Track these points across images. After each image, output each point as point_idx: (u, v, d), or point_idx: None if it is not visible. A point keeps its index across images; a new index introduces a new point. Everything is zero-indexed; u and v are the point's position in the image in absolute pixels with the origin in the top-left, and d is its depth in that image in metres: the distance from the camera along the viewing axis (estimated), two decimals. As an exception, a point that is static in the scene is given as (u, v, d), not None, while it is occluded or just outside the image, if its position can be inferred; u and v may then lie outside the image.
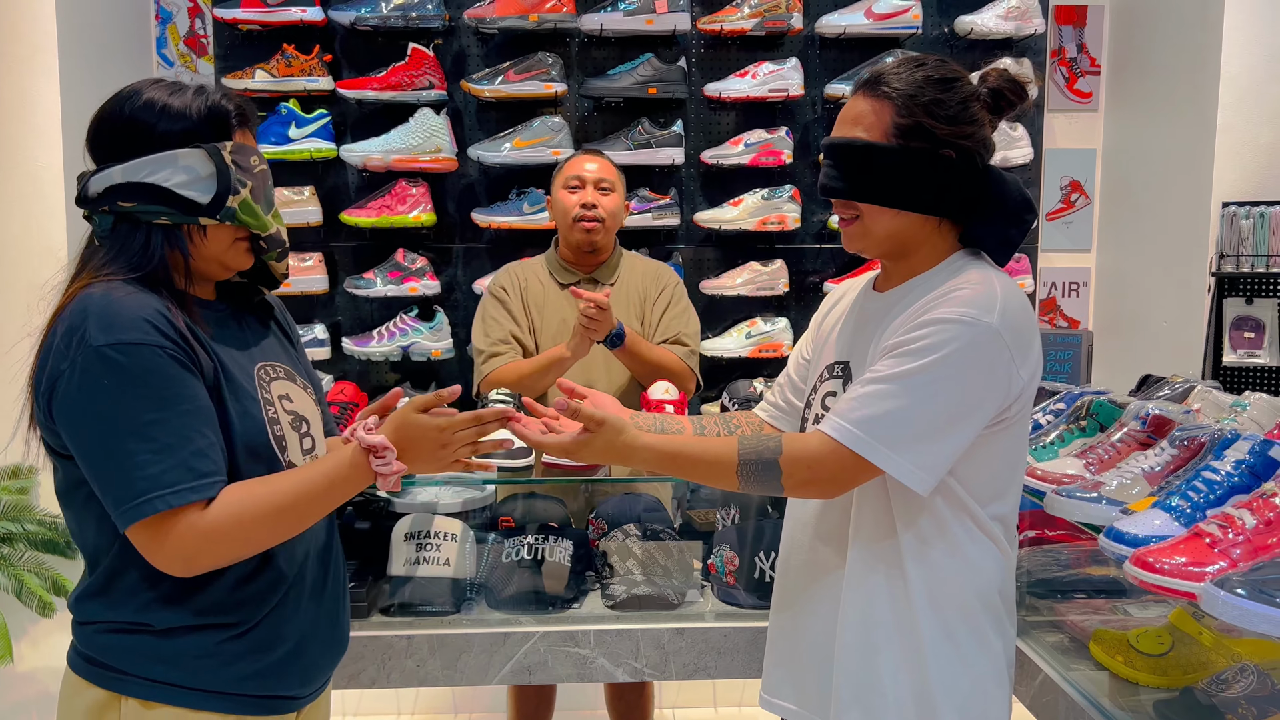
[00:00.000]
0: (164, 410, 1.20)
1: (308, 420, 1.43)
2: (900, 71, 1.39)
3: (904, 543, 1.39)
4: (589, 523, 2.29)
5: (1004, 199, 1.40)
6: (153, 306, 1.23)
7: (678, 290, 2.58)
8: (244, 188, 1.29)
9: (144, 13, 3.24)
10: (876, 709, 1.41)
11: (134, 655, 1.28)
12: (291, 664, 1.37)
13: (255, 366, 1.36)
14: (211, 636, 1.30)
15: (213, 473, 1.23)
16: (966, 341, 1.30)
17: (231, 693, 1.31)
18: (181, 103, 1.29)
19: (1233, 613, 1.18)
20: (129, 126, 1.28)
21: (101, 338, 1.19)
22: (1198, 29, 2.96)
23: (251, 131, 1.37)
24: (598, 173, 2.44)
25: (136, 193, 1.27)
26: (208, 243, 1.31)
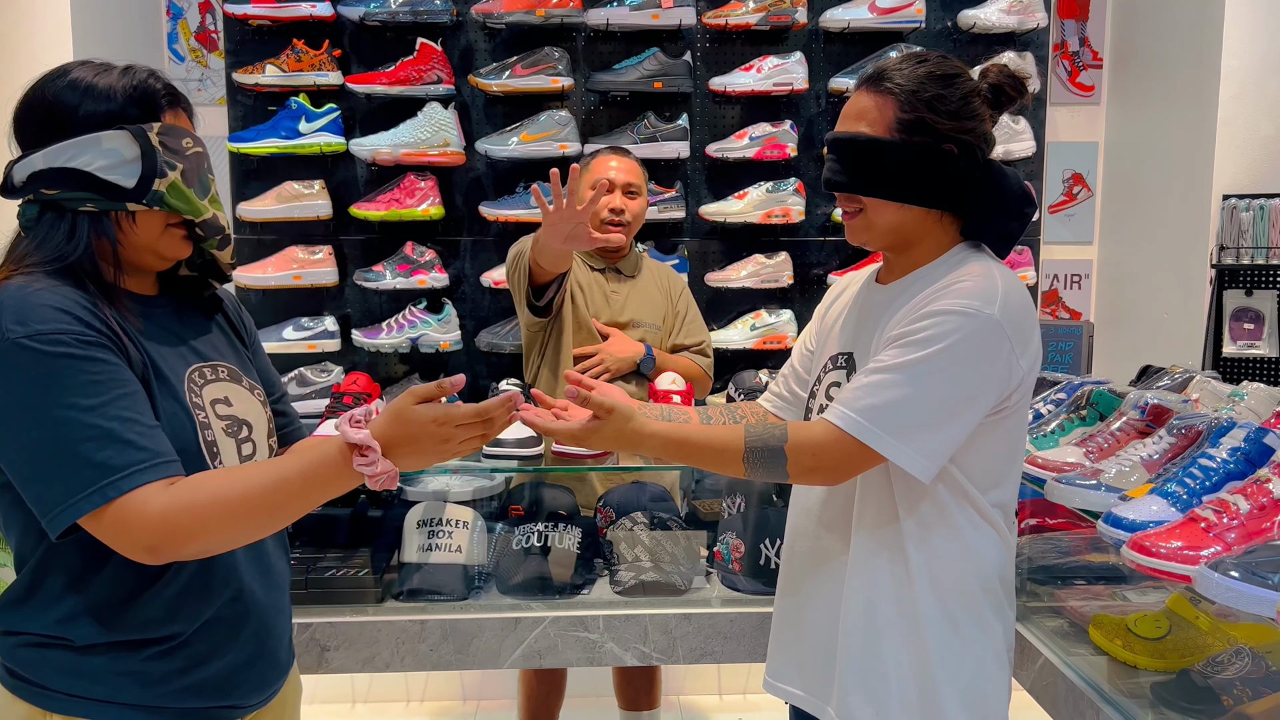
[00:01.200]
0: (99, 395, 1.13)
1: (249, 424, 1.34)
2: (903, 67, 1.42)
3: (906, 529, 1.43)
4: (597, 511, 2.33)
5: (1004, 193, 1.43)
6: (72, 299, 1.17)
7: (687, 294, 2.73)
8: (173, 170, 1.22)
9: (155, 8, 3.28)
10: (879, 691, 1.44)
11: (55, 670, 1.22)
12: (227, 679, 1.30)
13: (189, 368, 1.29)
14: (135, 654, 1.23)
15: (164, 451, 1.16)
16: (968, 332, 1.33)
17: (161, 706, 1.25)
18: (106, 82, 1.22)
19: (1226, 594, 1.22)
20: (52, 109, 1.21)
21: (18, 330, 1.12)
22: (1199, 23, 2.98)
23: (186, 112, 1.31)
24: (625, 176, 2.50)
25: (60, 179, 1.20)
26: (137, 230, 1.24)
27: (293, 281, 3.15)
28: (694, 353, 2.64)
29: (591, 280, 2.58)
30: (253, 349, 1.48)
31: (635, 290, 2.61)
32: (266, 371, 1.50)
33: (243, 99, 3.23)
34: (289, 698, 1.47)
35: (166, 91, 1.27)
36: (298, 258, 3.17)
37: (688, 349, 2.64)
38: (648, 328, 2.60)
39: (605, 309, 2.57)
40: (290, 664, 1.45)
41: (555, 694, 2.63)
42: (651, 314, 2.61)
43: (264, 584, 1.35)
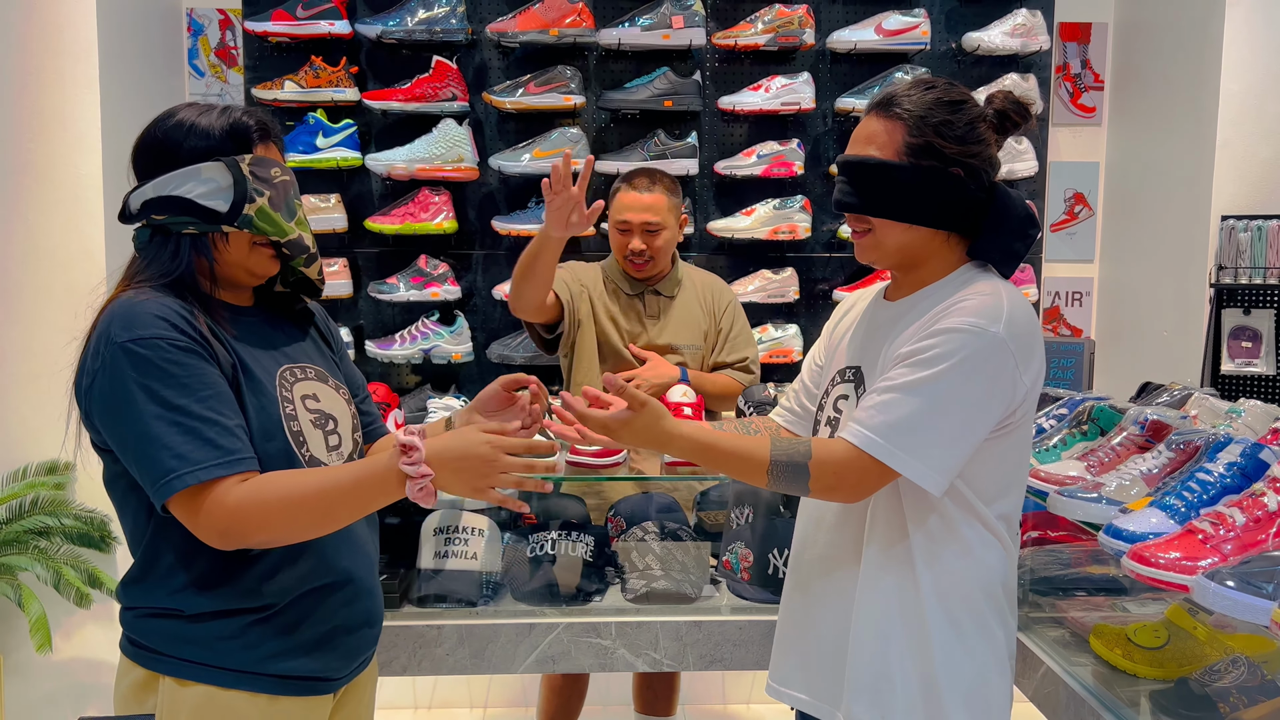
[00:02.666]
0: (187, 395, 1.29)
1: (335, 419, 1.50)
2: (911, 93, 1.47)
3: (915, 540, 1.47)
4: (608, 520, 2.38)
5: (1009, 214, 1.48)
6: (172, 308, 1.33)
7: (738, 309, 2.70)
8: (261, 196, 1.38)
9: (176, 25, 3.34)
10: (885, 695, 1.49)
11: (168, 637, 1.38)
12: (319, 649, 1.44)
13: (280, 367, 1.45)
14: (238, 621, 1.38)
15: (238, 450, 1.31)
16: (974, 350, 1.38)
17: (259, 673, 1.39)
18: (206, 122, 1.39)
19: (1223, 603, 1.26)
20: (161, 145, 1.39)
21: (124, 335, 1.29)
22: (1199, 47, 3.05)
23: (277, 145, 1.46)
24: (645, 215, 2.49)
25: (166, 205, 1.37)
26: (230, 249, 1.40)
27: (308, 293, 3.21)
28: (736, 370, 2.64)
29: (626, 307, 2.59)
30: (339, 355, 1.64)
31: (675, 310, 2.62)
32: (352, 375, 1.65)
33: (261, 114, 3.29)
34: (372, 677, 1.62)
35: (259, 127, 1.42)
36: (313, 270, 3.22)
37: (730, 366, 2.64)
38: (688, 350, 2.60)
39: (642, 335, 2.58)
40: (376, 640, 1.59)
41: (577, 699, 2.66)
42: (691, 335, 2.61)
43: (354, 562, 1.49)
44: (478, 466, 1.29)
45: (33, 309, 2.84)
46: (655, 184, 2.53)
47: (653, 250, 2.52)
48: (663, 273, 2.61)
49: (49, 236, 2.84)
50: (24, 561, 2.65)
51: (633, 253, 2.52)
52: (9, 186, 2.82)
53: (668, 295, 2.62)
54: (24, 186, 2.83)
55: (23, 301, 2.84)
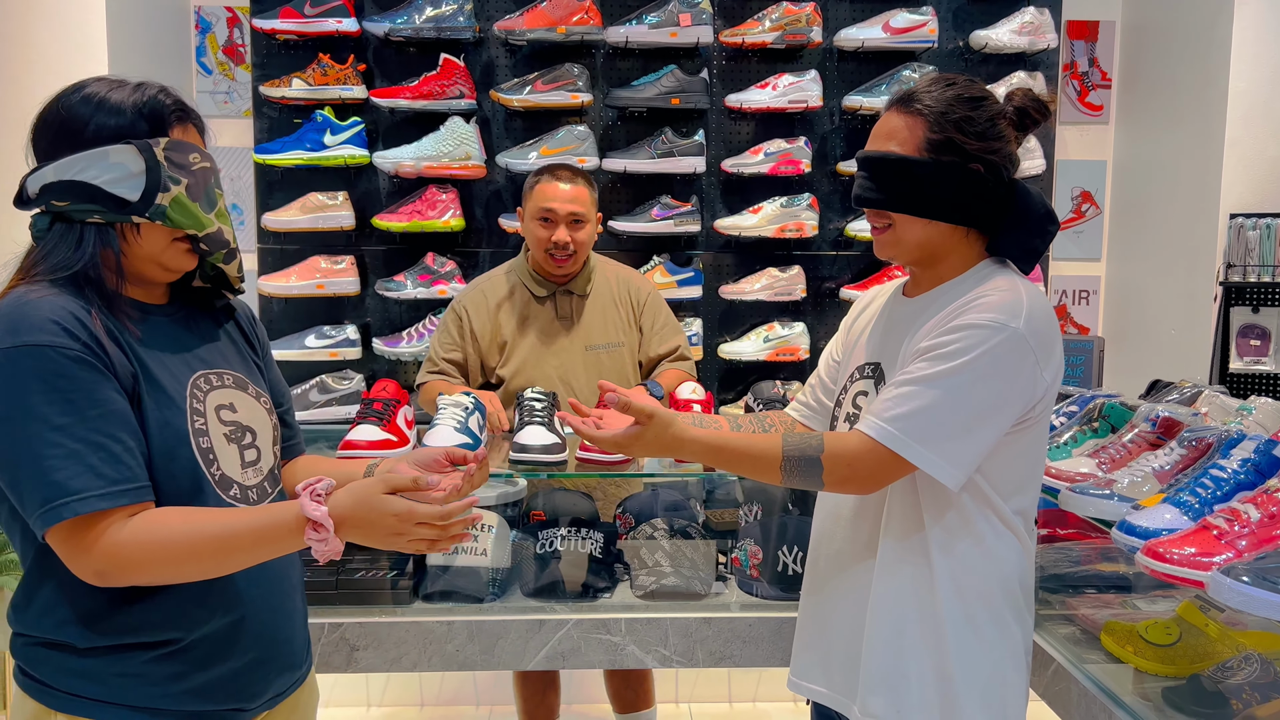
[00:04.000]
0: (71, 413, 1.16)
1: (254, 431, 1.37)
2: (932, 90, 1.47)
3: (931, 535, 1.47)
4: (616, 517, 2.38)
5: (1028, 210, 1.48)
6: (65, 308, 1.19)
7: (656, 299, 2.65)
8: (176, 185, 1.25)
9: (184, 22, 3.35)
10: (901, 690, 1.49)
11: (59, 671, 1.25)
12: (232, 682, 1.32)
13: (193, 374, 1.31)
14: (136, 656, 1.25)
15: (125, 479, 1.18)
16: (994, 345, 1.38)
17: (163, 709, 1.27)
18: (118, 98, 1.25)
19: (1238, 599, 1.26)
20: (65, 122, 1.24)
21: (7, 340, 1.16)
22: (1207, 45, 3.05)
23: (197, 127, 1.33)
24: (570, 205, 2.44)
25: (69, 191, 1.23)
26: (142, 242, 1.26)
27: (316, 290, 3.21)
28: (673, 361, 2.59)
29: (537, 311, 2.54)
30: (264, 359, 1.50)
31: (589, 309, 2.57)
32: (276, 383, 1.52)
33: (269, 112, 3.29)
34: (303, 700, 1.49)
35: (176, 107, 1.29)
36: (321, 267, 3.23)
37: (665, 358, 2.59)
38: (606, 348, 2.56)
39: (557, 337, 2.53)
40: (305, 666, 1.47)
41: (551, 691, 2.65)
42: (607, 333, 2.56)
43: (268, 590, 1.37)
44: (385, 533, 1.21)
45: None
46: (577, 176, 2.49)
47: (576, 244, 2.46)
48: (577, 270, 2.56)
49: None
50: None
51: (556, 245, 2.45)
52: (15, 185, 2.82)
53: (580, 294, 2.57)
54: (32, 183, 2.83)
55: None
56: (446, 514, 1.21)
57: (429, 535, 1.21)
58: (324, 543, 1.19)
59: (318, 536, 1.19)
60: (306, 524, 1.19)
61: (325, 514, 1.18)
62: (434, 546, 1.23)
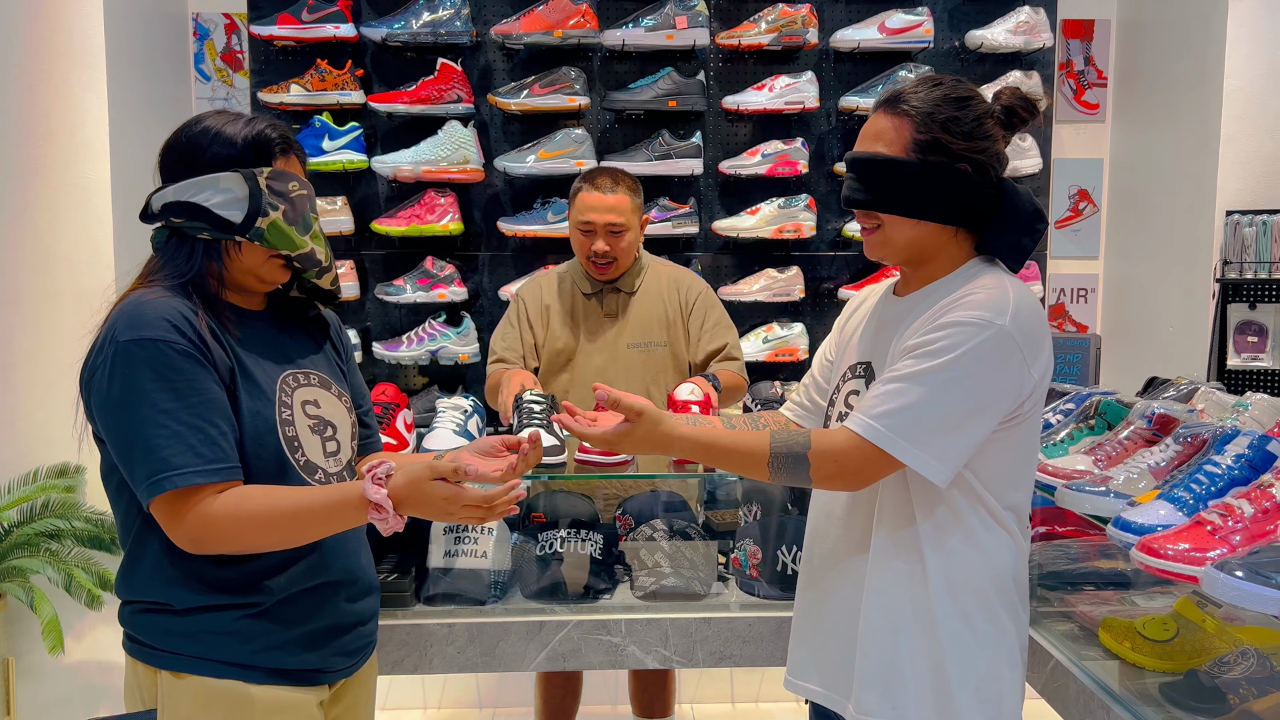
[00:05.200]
0: (177, 399, 1.33)
1: (334, 425, 1.53)
2: (919, 90, 1.48)
3: (923, 532, 1.48)
4: (616, 519, 2.39)
5: (1017, 209, 1.49)
6: (176, 309, 1.36)
7: (709, 299, 2.64)
8: (275, 210, 1.41)
9: (182, 29, 3.36)
10: (895, 688, 1.49)
11: (160, 632, 1.41)
12: (314, 645, 1.47)
13: (283, 372, 1.48)
14: (227, 615, 1.41)
15: (219, 459, 1.35)
16: (981, 342, 1.39)
17: (251, 665, 1.42)
18: (231, 131, 1.42)
19: (1232, 593, 1.27)
20: (185, 150, 1.43)
21: (126, 334, 1.33)
22: (1202, 43, 3.05)
23: (299, 157, 1.50)
24: (609, 215, 2.45)
25: (184, 210, 1.41)
26: (243, 257, 1.43)
27: (315, 295, 3.22)
28: (720, 360, 2.58)
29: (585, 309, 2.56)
30: (348, 364, 1.67)
31: (635, 306, 2.58)
32: (358, 386, 1.68)
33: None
34: (370, 673, 1.64)
35: (281, 140, 1.46)
36: (320, 272, 3.23)
37: (713, 357, 2.58)
38: (647, 346, 2.56)
39: (601, 333, 2.55)
40: (374, 641, 1.62)
41: (571, 698, 2.68)
42: (650, 331, 2.57)
43: (352, 561, 1.54)
44: (436, 513, 1.35)
45: (42, 313, 2.85)
46: (618, 184, 2.49)
47: (616, 252, 2.48)
48: (624, 271, 2.58)
49: (58, 241, 2.85)
50: (35, 564, 2.66)
51: (596, 254, 2.47)
52: (18, 192, 2.84)
53: (627, 291, 2.58)
54: (33, 191, 2.85)
55: (32, 306, 2.86)
56: (489, 497, 1.34)
57: (476, 514, 1.35)
58: (384, 521, 1.33)
59: (379, 516, 1.33)
60: (369, 504, 1.33)
61: (385, 496, 1.32)
62: (484, 520, 1.37)
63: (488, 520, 1.37)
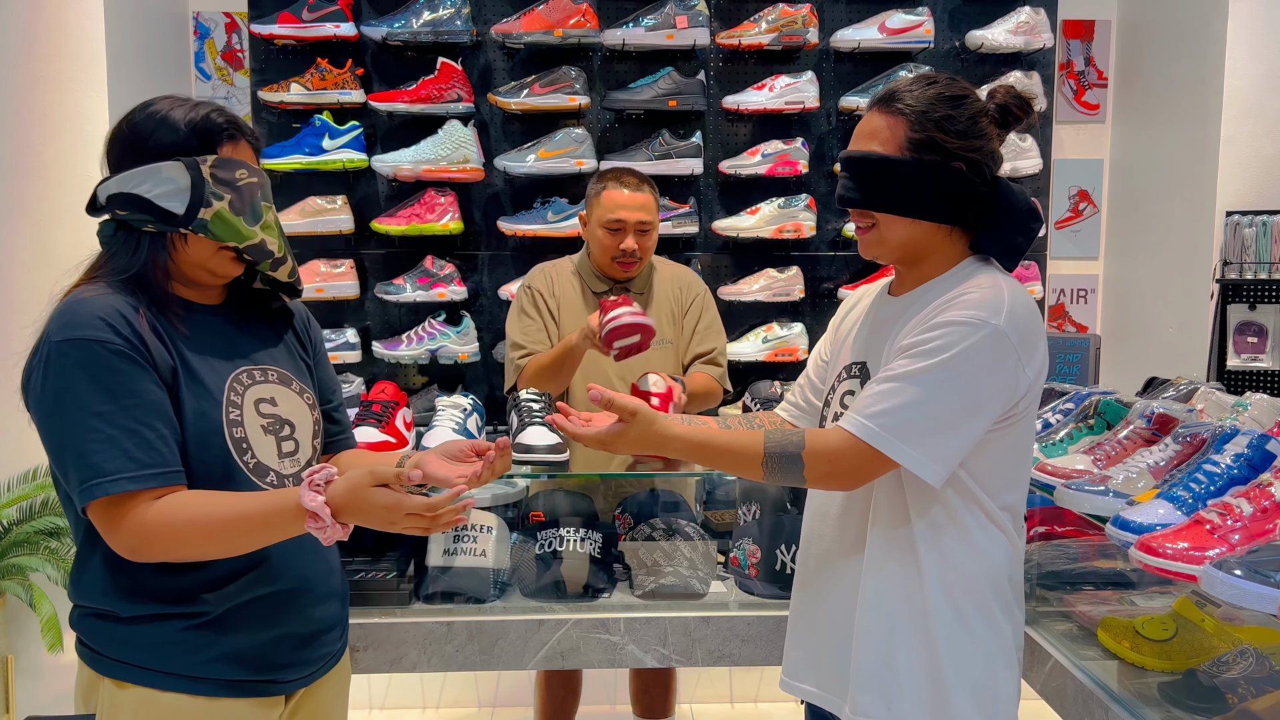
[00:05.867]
0: (111, 402, 1.27)
1: (292, 424, 1.46)
2: (913, 89, 1.48)
3: (918, 531, 1.48)
4: (615, 518, 2.39)
5: (1012, 208, 1.49)
6: (114, 306, 1.30)
7: (707, 300, 2.66)
8: (220, 200, 1.34)
9: (183, 28, 3.37)
10: (891, 688, 1.49)
11: (105, 639, 1.36)
12: (266, 654, 1.41)
13: (235, 370, 1.41)
14: (174, 625, 1.35)
15: (156, 463, 1.28)
16: (975, 342, 1.39)
17: (199, 676, 1.36)
18: (176, 117, 1.35)
19: (1230, 592, 1.27)
20: (129, 138, 1.36)
21: (59, 334, 1.29)
22: (1202, 44, 3.05)
23: (251, 144, 1.42)
24: (639, 214, 2.46)
25: (128, 202, 1.34)
26: (189, 250, 1.37)
27: (315, 294, 3.23)
28: (704, 363, 2.60)
29: (594, 305, 2.55)
30: (316, 359, 1.60)
31: (645, 306, 2.58)
32: (327, 381, 1.62)
33: (268, 116, 3.31)
34: (338, 682, 1.58)
35: (228, 125, 1.38)
36: (320, 271, 3.24)
37: (700, 358, 2.60)
38: (659, 344, 2.55)
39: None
40: (339, 649, 1.56)
41: (571, 698, 2.68)
42: (662, 330, 2.57)
43: (309, 568, 1.47)
44: (377, 522, 1.28)
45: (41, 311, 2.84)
46: (643, 183, 2.51)
47: (643, 250, 2.49)
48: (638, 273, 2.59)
49: (56, 240, 2.85)
50: (35, 562, 2.66)
51: (625, 253, 2.47)
52: (17, 190, 2.84)
53: (638, 291, 2.59)
54: (32, 189, 2.85)
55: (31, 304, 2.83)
56: (432, 505, 1.27)
57: (419, 524, 1.28)
58: (322, 530, 1.26)
59: (316, 525, 1.26)
60: (307, 514, 1.26)
61: (322, 504, 1.25)
62: (427, 531, 1.30)
63: (432, 531, 1.30)
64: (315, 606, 1.48)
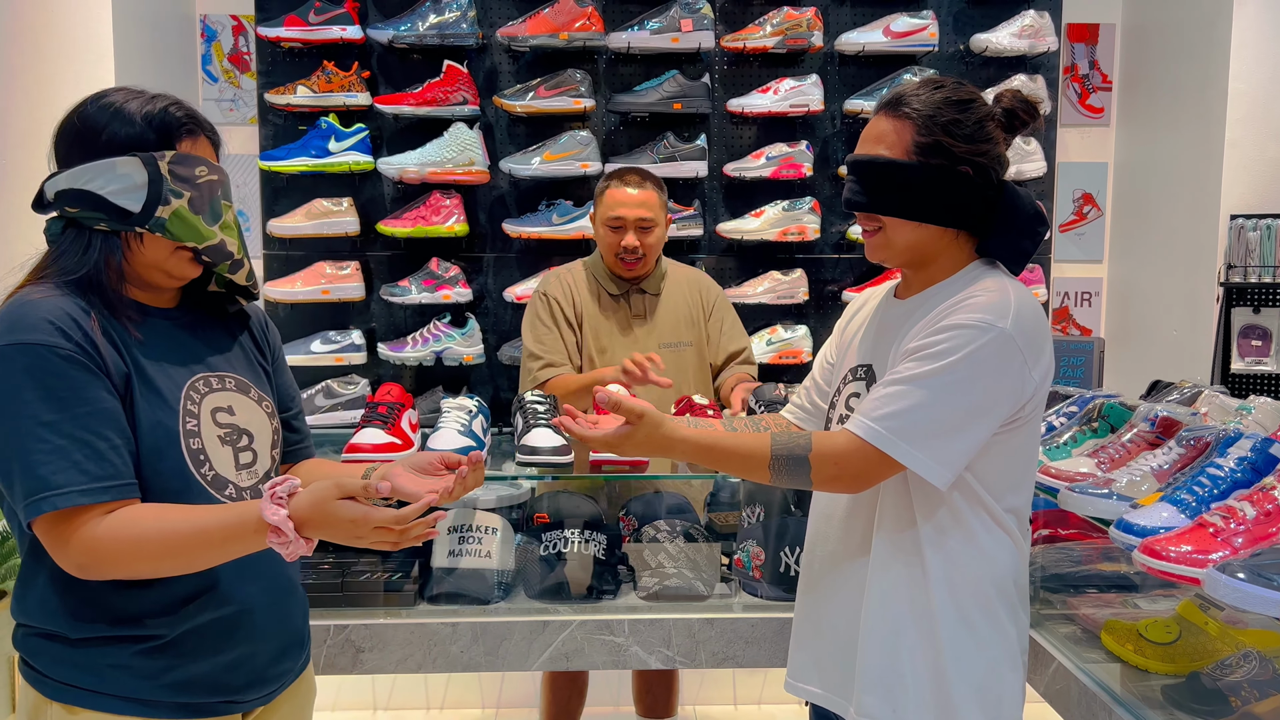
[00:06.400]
0: (60, 410, 1.19)
1: (250, 434, 1.39)
2: (920, 93, 1.48)
3: (923, 534, 1.48)
4: (620, 520, 2.39)
5: (1018, 212, 1.49)
6: (63, 309, 1.22)
7: (725, 301, 2.70)
8: (178, 198, 1.27)
9: (190, 30, 3.38)
10: (895, 689, 1.50)
11: (53, 660, 1.28)
12: (222, 677, 1.34)
13: (192, 377, 1.34)
14: (125, 648, 1.28)
15: (108, 476, 1.21)
16: (981, 345, 1.39)
17: (153, 700, 1.29)
18: (131, 109, 1.28)
19: (1234, 595, 1.27)
20: (81, 131, 1.29)
21: (4, 338, 1.20)
22: (1207, 47, 3.06)
23: (210, 140, 1.35)
24: (639, 210, 2.48)
25: (79, 199, 1.27)
26: (145, 250, 1.30)
27: (321, 296, 3.24)
28: (739, 363, 2.63)
29: (612, 308, 2.57)
30: (274, 365, 1.53)
31: (662, 308, 2.61)
32: (285, 388, 1.55)
33: (274, 119, 3.32)
34: (299, 698, 1.51)
35: (187, 120, 1.31)
36: (326, 273, 3.25)
37: (734, 359, 2.63)
38: (677, 346, 2.59)
39: (630, 334, 2.57)
40: (300, 664, 1.49)
41: (577, 699, 2.68)
42: (679, 331, 2.60)
43: (261, 586, 1.39)
44: (343, 536, 1.22)
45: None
46: (646, 181, 2.53)
47: (645, 248, 2.51)
48: (649, 271, 2.60)
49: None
50: None
51: (626, 250, 2.49)
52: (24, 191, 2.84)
53: (653, 293, 2.61)
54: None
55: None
56: (400, 518, 1.20)
57: (387, 538, 1.21)
58: (285, 545, 1.19)
59: (279, 540, 1.19)
60: (269, 528, 1.19)
61: (284, 517, 1.19)
62: (395, 546, 1.23)
63: (400, 546, 1.22)
64: (275, 625, 1.41)
